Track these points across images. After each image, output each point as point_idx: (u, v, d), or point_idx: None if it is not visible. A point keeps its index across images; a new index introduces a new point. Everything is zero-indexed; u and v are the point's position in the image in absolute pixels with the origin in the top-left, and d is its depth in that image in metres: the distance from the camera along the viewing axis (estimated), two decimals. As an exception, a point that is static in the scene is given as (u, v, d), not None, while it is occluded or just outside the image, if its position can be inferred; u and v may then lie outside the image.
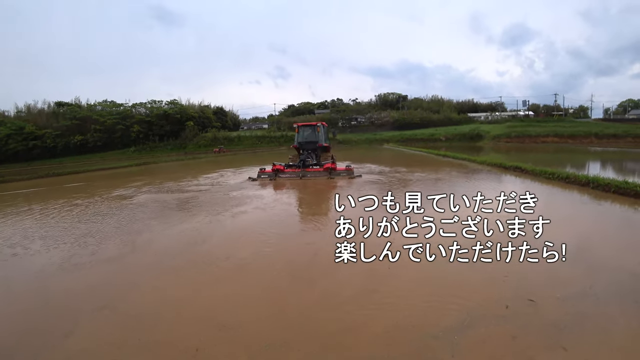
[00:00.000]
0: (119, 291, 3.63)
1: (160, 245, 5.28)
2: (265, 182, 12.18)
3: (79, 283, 3.89)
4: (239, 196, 9.34)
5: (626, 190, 7.32)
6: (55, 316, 3.19)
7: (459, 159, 18.93)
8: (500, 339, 2.54)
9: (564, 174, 9.73)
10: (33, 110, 58.15)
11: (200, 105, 66.31)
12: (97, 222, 6.83)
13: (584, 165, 17.14)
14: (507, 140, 46.16)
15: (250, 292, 3.48)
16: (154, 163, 27.31)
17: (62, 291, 3.74)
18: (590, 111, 74.14)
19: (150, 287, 3.72)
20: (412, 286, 3.26)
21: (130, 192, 10.97)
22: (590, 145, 35.25)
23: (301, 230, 5.91)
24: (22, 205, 9.67)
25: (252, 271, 4.03)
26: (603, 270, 3.70)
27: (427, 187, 9.91)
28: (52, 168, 28.90)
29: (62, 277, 4.14)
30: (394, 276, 3.41)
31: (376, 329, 2.68)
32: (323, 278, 3.62)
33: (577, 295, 3.07)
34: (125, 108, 59.60)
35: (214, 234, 5.74)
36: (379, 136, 57.56)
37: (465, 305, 2.91)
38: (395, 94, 77.05)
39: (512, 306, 2.90)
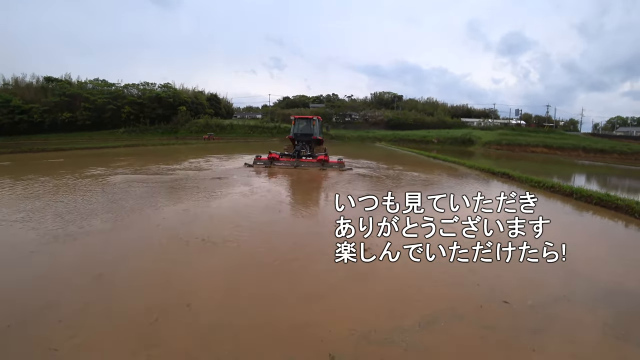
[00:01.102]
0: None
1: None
2: (261, 169, 12.84)
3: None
4: (234, 180, 9.28)
5: (607, 202, 7.48)
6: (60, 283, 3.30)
7: (449, 161, 19.12)
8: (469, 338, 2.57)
9: (550, 182, 9.90)
10: (21, 83, 56.28)
11: (194, 90, 65.31)
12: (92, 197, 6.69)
13: (570, 177, 17.50)
14: (497, 147, 46.78)
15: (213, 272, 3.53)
16: (143, 145, 26.76)
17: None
18: (580, 125, 75.54)
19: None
20: (396, 281, 3.28)
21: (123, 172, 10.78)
22: (577, 159, 35.98)
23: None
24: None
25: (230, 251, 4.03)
26: (578, 277, 3.78)
27: (415, 186, 9.98)
28: (36, 143, 28.16)
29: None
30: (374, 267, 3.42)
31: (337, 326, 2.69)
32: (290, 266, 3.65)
33: (550, 299, 3.13)
34: (117, 88, 58.27)
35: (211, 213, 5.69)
36: (372, 134, 57.68)
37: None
38: (391, 94, 77.23)
39: (485, 306, 2.94)
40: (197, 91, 65.67)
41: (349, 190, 8.89)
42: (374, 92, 79.05)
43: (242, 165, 13.89)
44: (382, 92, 78.09)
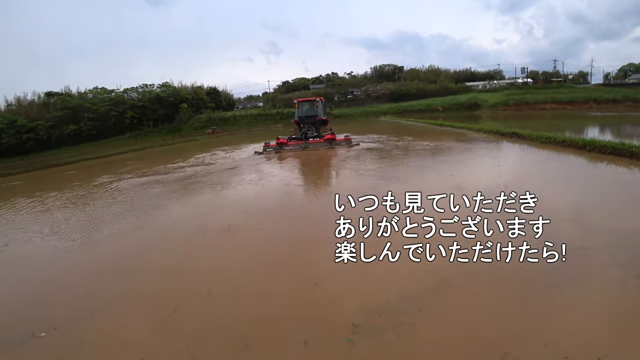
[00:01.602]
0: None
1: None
2: (271, 155, 13.14)
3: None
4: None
5: (622, 151, 7.31)
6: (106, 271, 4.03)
7: (456, 127, 18.82)
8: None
9: (561, 137, 9.69)
10: (23, 102, 56.75)
11: (193, 86, 64.89)
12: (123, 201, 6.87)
13: (582, 130, 17.06)
14: (504, 108, 45.62)
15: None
16: (150, 148, 27.04)
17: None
18: (590, 76, 72.23)
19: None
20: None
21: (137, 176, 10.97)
22: (589, 111, 34.84)
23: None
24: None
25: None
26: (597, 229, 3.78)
27: (423, 157, 9.88)
28: (47, 159, 28.70)
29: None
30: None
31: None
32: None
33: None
34: (117, 94, 58.30)
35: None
36: (376, 109, 56.77)
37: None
38: (391, 66, 75.39)
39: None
40: (196, 87, 65.28)
41: (358, 165, 9.27)
42: (373, 66, 77.20)
43: (251, 154, 14.25)
44: (382, 65, 76.20)
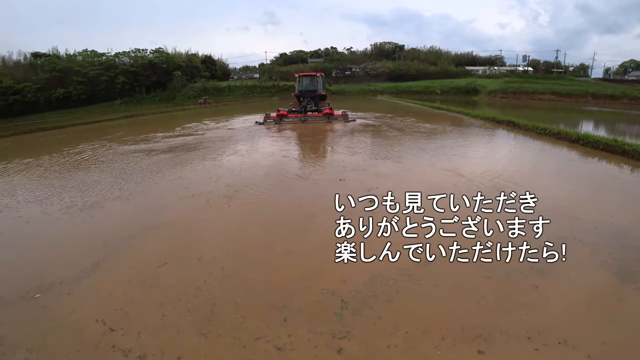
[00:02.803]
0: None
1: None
2: (271, 126, 13.80)
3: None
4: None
5: (614, 148, 7.40)
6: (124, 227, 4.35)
7: (452, 111, 18.76)
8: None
9: (555, 129, 9.75)
10: (8, 62, 54.12)
11: (187, 54, 62.83)
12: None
13: (577, 124, 17.13)
14: (502, 95, 45.32)
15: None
16: (142, 115, 26.43)
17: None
18: (590, 70, 71.58)
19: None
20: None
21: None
22: (586, 105, 34.80)
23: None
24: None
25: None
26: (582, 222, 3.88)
27: (416, 139, 9.88)
28: (35, 123, 27.86)
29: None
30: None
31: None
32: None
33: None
34: (107, 58, 56.13)
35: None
36: (373, 87, 55.97)
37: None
38: (392, 44, 73.73)
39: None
40: (190, 54, 63.22)
41: (352, 140, 10.14)
42: (374, 43, 75.36)
43: (252, 124, 14.87)
44: (382, 42, 74.40)
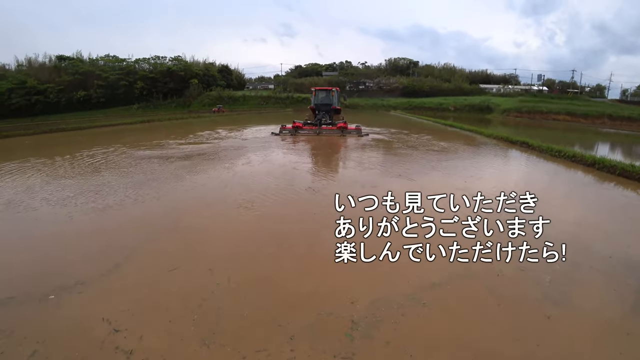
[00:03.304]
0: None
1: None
2: (287, 137, 14.23)
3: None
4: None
5: (631, 174, 7.26)
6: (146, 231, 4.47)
7: (465, 130, 18.68)
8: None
9: (570, 152, 9.61)
10: (34, 63, 56.41)
11: (204, 62, 64.42)
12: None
13: (593, 146, 16.88)
14: (517, 114, 44.99)
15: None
16: (158, 121, 27.02)
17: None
18: (607, 91, 70.91)
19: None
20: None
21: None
22: (602, 127, 34.30)
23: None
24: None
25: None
26: (594, 252, 3.80)
27: (429, 157, 9.85)
28: (55, 123, 28.71)
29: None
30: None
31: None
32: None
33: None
34: (128, 63, 57.96)
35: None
36: (387, 102, 56.25)
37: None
38: (406, 60, 74.26)
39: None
40: (208, 63, 64.79)
41: (363, 155, 10.27)
42: (388, 59, 76.09)
43: (266, 134, 15.36)
44: (397, 58, 75.06)
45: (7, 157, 10.06)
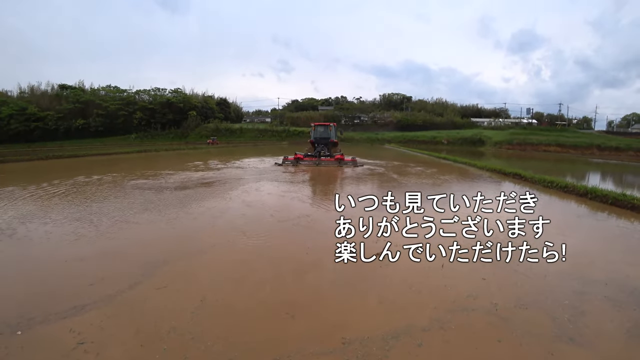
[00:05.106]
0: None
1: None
2: (289, 167, 14.98)
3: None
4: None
5: (623, 202, 7.34)
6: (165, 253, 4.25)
7: (459, 162, 18.95)
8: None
9: (563, 182, 9.74)
10: (36, 91, 57.74)
11: (203, 95, 66.16)
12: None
13: (584, 175, 17.15)
14: (508, 147, 46.13)
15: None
16: (155, 151, 27.19)
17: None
18: (593, 123, 74.03)
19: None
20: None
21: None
22: (591, 157, 35.17)
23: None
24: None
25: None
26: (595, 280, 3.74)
27: (424, 188, 9.92)
28: (52, 150, 28.76)
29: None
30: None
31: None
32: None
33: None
34: (128, 94, 59.31)
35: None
36: (381, 136, 57.46)
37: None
38: (400, 95, 76.88)
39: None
40: (206, 96, 66.52)
41: (359, 184, 10.57)
42: (382, 94, 79.00)
43: (271, 164, 16.20)
44: (390, 93, 77.88)
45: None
